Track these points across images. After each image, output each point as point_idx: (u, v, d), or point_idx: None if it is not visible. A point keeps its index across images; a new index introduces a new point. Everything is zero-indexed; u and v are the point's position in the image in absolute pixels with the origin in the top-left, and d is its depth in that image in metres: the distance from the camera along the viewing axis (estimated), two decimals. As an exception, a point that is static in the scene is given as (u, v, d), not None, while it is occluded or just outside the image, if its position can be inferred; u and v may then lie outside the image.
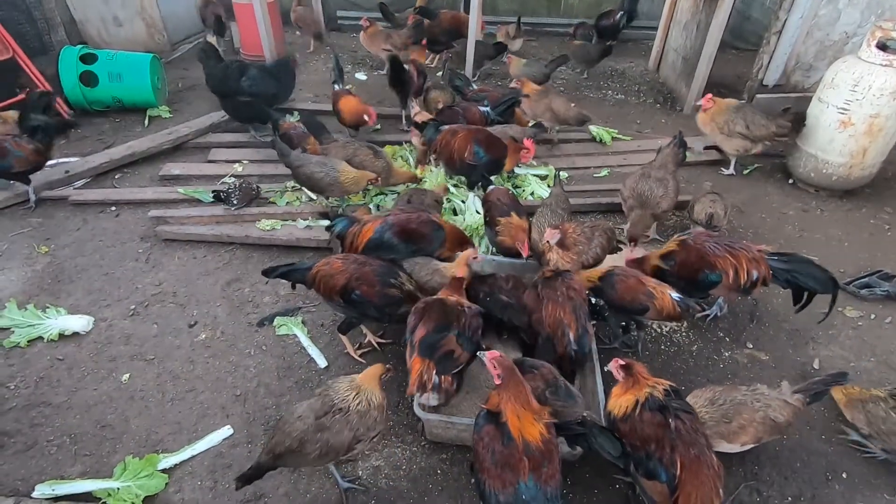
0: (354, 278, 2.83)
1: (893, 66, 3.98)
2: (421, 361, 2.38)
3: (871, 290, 3.62)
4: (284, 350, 3.23)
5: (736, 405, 2.48)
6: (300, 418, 2.22)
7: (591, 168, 4.95)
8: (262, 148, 4.94)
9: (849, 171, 4.41)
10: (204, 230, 3.98)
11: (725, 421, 2.46)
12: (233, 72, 4.78)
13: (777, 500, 2.56)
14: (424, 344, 2.40)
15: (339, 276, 2.86)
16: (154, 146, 4.84)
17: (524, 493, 1.95)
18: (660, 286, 2.91)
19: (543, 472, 1.98)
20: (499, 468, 1.99)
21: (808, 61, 5.24)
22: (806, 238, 4.20)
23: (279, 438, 2.21)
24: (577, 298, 2.71)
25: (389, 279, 2.86)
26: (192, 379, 3.05)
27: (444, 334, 2.42)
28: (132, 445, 2.71)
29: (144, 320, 3.40)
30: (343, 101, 4.85)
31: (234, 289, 3.65)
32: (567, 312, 2.64)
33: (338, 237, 3.29)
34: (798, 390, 2.55)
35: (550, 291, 2.73)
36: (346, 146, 4.32)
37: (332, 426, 2.18)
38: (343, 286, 2.84)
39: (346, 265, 2.90)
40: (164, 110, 5.62)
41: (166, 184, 4.55)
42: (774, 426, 2.47)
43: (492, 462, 2.01)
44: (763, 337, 3.40)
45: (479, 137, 4.13)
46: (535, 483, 1.96)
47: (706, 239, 3.17)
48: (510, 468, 1.97)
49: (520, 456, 1.98)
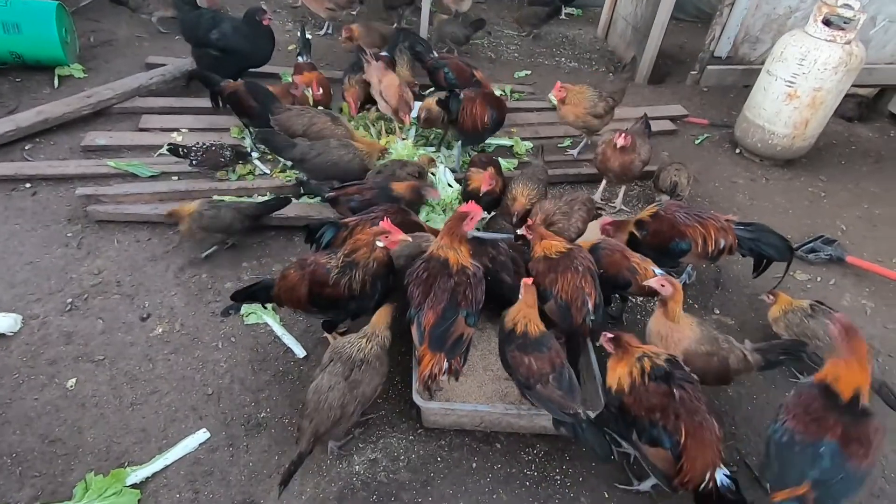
0: (314, 283, 2.55)
1: (836, 42, 4.21)
2: (432, 355, 2.25)
3: (816, 254, 3.91)
4: (256, 341, 2.97)
5: (705, 339, 2.57)
6: (332, 388, 2.25)
7: (554, 138, 4.91)
8: (202, 115, 4.43)
9: (792, 141, 4.69)
10: (146, 209, 3.53)
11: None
12: (205, 21, 4.36)
13: (755, 455, 2.74)
14: (435, 336, 2.27)
15: (299, 286, 2.58)
16: (71, 111, 4.18)
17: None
18: (643, 262, 2.94)
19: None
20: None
21: (755, 34, 5.45)
22: (756, 206, 4.45)
23: (320, 418, 2.22)
24: (594, 270, 2.71)
25: (336, 273, 2.52)
26: (153, 379, 2.73)
27: (453, 319, 2.30)
28: (91, 460, 2.39)
29: (86, 315, 2.98)
30: (302, 78, 4.35)
31: (190, 275, 3.28)
32: (588, 282, 2.62)
33: (326, 249, 2.90)
34: (757, 349, 2.62)
35: (567, 261, 2.67)
36: (302, 114, 3.96)
37: (363, 379, 2.29)
38: (308, 294, 2.58)
39: (301, 271, 2.60)
40: (77, 69, 4.85)
41: (91, 156, 3.97)
42: (723, 371, 2.55)
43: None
44: (728, 302, 3.59)
45: (490, 100, 4.08)
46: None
47: (676, 209, 3.26)
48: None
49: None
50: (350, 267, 2.52)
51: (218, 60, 4.46)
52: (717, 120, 5.41)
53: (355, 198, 3.29)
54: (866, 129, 5.65)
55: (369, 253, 2.52)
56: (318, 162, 3.59)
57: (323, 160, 3.59)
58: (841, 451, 2.06)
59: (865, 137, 5.50)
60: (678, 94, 5.83)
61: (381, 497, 2.39)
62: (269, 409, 2.66)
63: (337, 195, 3.34)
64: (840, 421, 2.10)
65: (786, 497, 2.07)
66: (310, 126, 3.91)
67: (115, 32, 5.58)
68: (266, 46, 4.65)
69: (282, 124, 3.93)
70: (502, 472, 2.53)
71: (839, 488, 2.05)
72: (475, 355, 2.89)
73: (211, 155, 3.75)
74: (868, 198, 4.64)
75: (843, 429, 2.08)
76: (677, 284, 2.57)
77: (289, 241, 3.59)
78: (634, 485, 2.51)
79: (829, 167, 5.00)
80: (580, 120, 4.30)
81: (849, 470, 2.05)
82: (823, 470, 2.05)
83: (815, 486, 2.04)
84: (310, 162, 3.60)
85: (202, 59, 4.57)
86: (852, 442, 2.07)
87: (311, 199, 3.81)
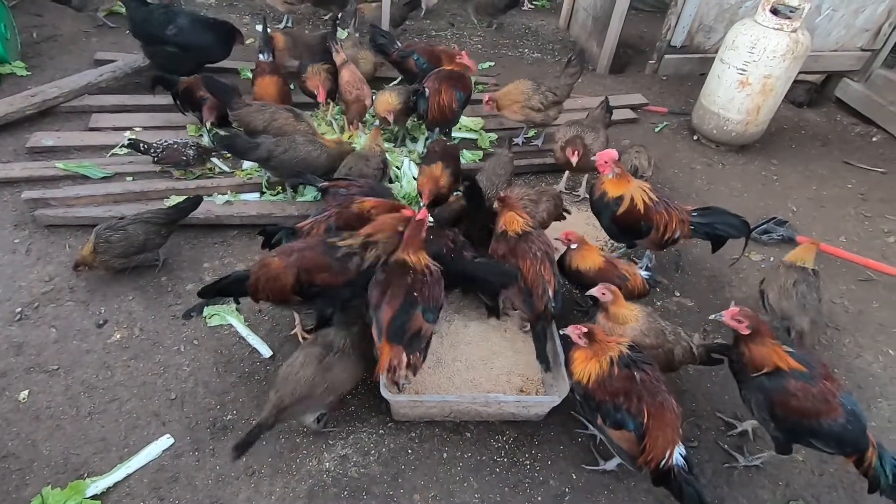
0: (304, 270, 2.48)
1: (784, 30, 4.36)
2: (391, 347, 2.25)
3: (769, 235, 4.07)
4: (220, 343, 2.91)
5: (654, 329, 2.63)
6: (304, 366, 2.31)
7: (518, 129, 4.94)
8: (157, 112, 4.28)
9: (745, 127, 4.85)
10: (98, 212, 3.40)
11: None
12: (158, 17, 4.14)
13: (713, 430, 2.85)
14: (393, 329, 2.27)
15: (284, 274, 2.48)
16: (14, 111, 3.98)
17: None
18: (630, 267, 3.01)
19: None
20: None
21: (709, 23, 5.58)
22: (713, 190, 4.59)
23: (285, 391, 2.25)
24: (552, 255, 2.74)
25: (337, 254, 2.53)
26: (111, 387, 2.65)
27: (410, 313, 2.30)
28: (47, 474, 2.31)
29: (37, 324, 2.87)
30: (261, 82, 4.14)
31: (148, 278, 3.19)
32: (547, 269, 2.67)
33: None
34: (701, 345, 2.72)
35: (526, 246, 2.71)
36: (262, 110, 3.86)
37: (336, 366, 2.36)
38: (294, 283, 2.49)
39: (287, 259, 2.51)
40: (19, 66, 4.61)
41: (37, 157, 3.79)
42: (668, 361, 2.64)
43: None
44: (687, 285, 3.70)
45: (453, 83, 4.05)
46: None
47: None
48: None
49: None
50: (369, 245, 2.53)
51: (174, 57, 4.27)
52: (675, 108, 5.54)
53: (341, 191, 3.23)
54: (814, 114, 5.88)
55: (390, 236, 2.57)
56: (285, 159, 3.50)
57: (290, 156, 3.51)
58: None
59: (814, 122, 5.73)
60: (638, 83, 5.94)
61: (352, 492, 2.38)
62: (235, 412, 2.62)
63: (328, 186, 3.27)
64: None
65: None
66: (271, 122, 3.81)
67: (60, 28, 5.32)
68: (227, 40, 4.49)
69: (242, 119, 3.82)
70: (473, 460, 2.56)
71: None
72: (444, 346, 2.90)
73: (172, 152, 3.63)
74: (816, 180, 4.85)
75: None
76: (616, 291, 2.62)
77: (251, 240, 3.52)
78: (601, 465, 2.58)
79: (780, 151, 5.20)
80: (520, 116, 4.33)
81: None
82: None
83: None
84: (276, 159, 3.50)
85: (156, 56, 4.37)
86: None
87: (274, 195, 3.75)
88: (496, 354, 2.90)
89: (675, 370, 2.77)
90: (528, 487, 2.49)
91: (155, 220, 3.10)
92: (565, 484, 2.53)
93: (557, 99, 4.36)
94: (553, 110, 4.37)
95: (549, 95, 4.30)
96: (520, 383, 2.78)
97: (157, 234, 3.09)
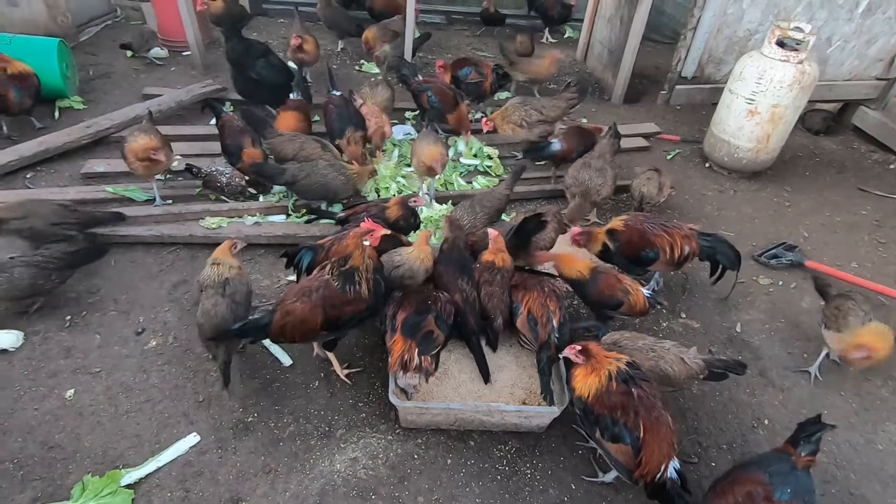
0: (330, 307, 2.55)
1: (790, 62, 4.50)
2: (403, 341, 2.43)
3: (778, 259, 4.12)
4: (245, 351, 3.14)
5: (632, 350, 2.73)
6: (216, 305, 2.70)
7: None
8: (195, 141, 4.67)
9: (756, 154, 4.95)
10: (141, 231, 3.74)
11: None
12: (254, 51, 4.83)
13: (714, 449, 2.91)
14: (407, 325, 2.46)
15: (312, 315, 2.56)
16: (71, 141, 4.43)
17: None
18: (633, 283, 3.13)
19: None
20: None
21: (718, 55, 5.76)
22: (723, 216, 4.68)
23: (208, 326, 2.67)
24: (560, 294, 2.96)
25: (347, 285, 2.58)
26: (147, 389, 2.90)
27: (424, 316, 2.49)
28: (88, 464, 2.55)
29: (84, 331, 3.16)
30: (283, 115, 4.48)
31: (183, 291, 3.48)
32: (553, 302, 2.87)
33: (307, 272, 3.00)
34: (704, 359, 2.76)
35: (533, 282, 2.90)
36: (293, 140, 4.19)
37: (237, 290, 2.78)
38: (324, 322, 2.58)
39: (309, 300, 2.57)
40: (77, 101, 5.13)
41: (90, 182, 4.20)
42: (663, 376, 2.70)
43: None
44: (694, 307, 3.78)
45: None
46: None
47: (644, 220, 3.48)
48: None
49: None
50: (350, 274, 2.56)
51: (253, 83, 4.84)
52: (687, 136, 5.68)
53: (362, 216, 3.31)
54: (831, 141, 5.93)
55: (362, 254, 2.57)
56: (307, 182, 3.80)
57: (311, 181, 3.80)
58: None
59: (829, 149, 5.77)
60: (652, 113, 6.12)
61: (360, 492, 2.54)
62: (256, 414, 2.83)
63: (347, 215, 3.47)
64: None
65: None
66: (300, 151, 4.13)
67: (113, 65, 5.88)
68: (289, 86, 4.85)
69: (273, 148, 4.16)
70: (475, 467, 2.68)
71: None
72: (451, 359, 3.06)
73: (210, 179, 4.01)
74: (830, 206, 4.88)
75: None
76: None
77: (276, 258, 3.79)
78: (599, 476, 2.67)
79: (794, 178, 5.25)
80: (511, 131, 4.63)
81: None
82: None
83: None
84: (300, 183, 3.81)
85: (238, 80, 4.91)
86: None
87: (299, 218, 4.03)
88: (501, 368, 3.03)
89: (677, 387, 2.86)
90: (528, 495, 2.60)
91: (44, 264, 2.94)
92: (564, 494, 2.62)
93: (543, 118, 4.57)
94: (539, 128, 4.59)
95: (532, 114, 4.51)
96: (523, 396, 2.90)
97: (47, 278, 2.92)
